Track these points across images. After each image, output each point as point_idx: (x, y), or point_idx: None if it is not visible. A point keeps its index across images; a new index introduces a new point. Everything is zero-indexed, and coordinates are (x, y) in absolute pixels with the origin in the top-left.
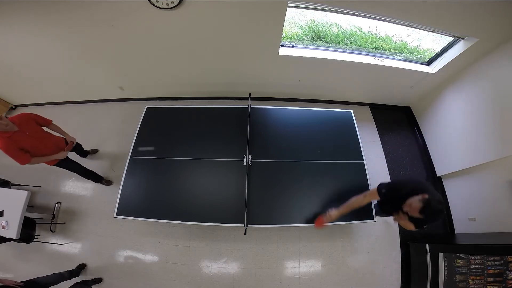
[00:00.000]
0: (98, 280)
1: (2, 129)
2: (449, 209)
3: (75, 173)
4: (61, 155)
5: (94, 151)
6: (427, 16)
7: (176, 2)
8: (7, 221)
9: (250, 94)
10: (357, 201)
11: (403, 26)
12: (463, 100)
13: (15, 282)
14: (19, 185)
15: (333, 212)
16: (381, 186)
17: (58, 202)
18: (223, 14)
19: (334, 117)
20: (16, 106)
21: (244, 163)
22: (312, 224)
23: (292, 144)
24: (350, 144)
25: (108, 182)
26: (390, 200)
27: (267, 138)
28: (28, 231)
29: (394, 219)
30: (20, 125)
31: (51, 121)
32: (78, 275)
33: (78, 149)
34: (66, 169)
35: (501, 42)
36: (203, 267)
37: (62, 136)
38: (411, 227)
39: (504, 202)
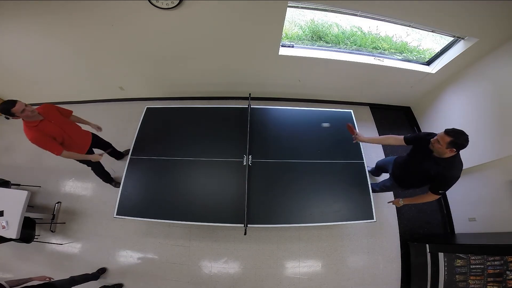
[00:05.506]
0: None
1: (28, 117)
2: (449, 209)
3: (92, 171)
4: (95, 157)
5: (127, 152)
6: (427, 16)
7: (176, 2)
8: (7, 221)
9: (250, 94)
10: (386, 138)
11: (403, 26)
12: (463, 100)
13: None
14: (19, 185)
15: (363, 137)
16: (407, 136)
17: (58, 202)
18: (223, 14)
19: (334, 117)
20: None
21: (244, 163)
22: (312, 224)
23: (292, 144)
24: (350, 144)
25: (117, 185)
26: (415, 144)
27: (267, 138)
28: (28, 231)
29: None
30: (44, 114)
31: (71, 111)
32: (97, 279)
33: (113, 152)
34: (88, 165)
35: (501, 42)
36: (203, 267)
37: (86, 129)
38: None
39: (504, 202)
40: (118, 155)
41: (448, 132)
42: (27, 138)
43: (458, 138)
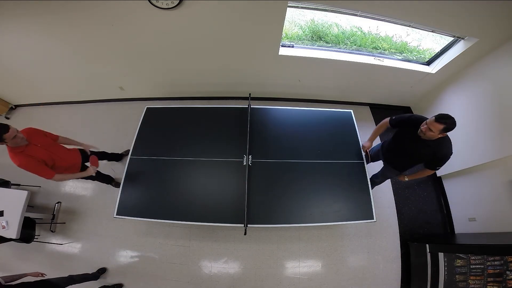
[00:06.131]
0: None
1: (17, 143)
2: (449, 209)
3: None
4: (89, 173)
5: (127, 152)
6: (427, 16)
7: (176, 2)
8: (7, 221)
9: (250, 94)
10: (379, 128)
11: (403, 26)
12: (463, 100)
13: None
14: (19, 185)
15: (368, 143)
16: (392, 119)
17: (58, 202)
18: (223, 14)
19: (334, 117)
20: (16, 106)
21: (244, 163)
22: (312, 224)
23: (292, 144)
24: (350, 144)
25: (117, 185)
26: (401, 127)
27: (267, 138)
28: (28, 231)
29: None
30: (29, 138)
31: (57, 136)
32: (97, 279)
33: (111, 156)
34: (88, 179)
35: (501, 42)
36: (203, 267)
37: (77, 147)
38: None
39: (504, 202)
40: (117, 156)
41: (439, 120)
42: (14, 164)
43: (450, 124)
